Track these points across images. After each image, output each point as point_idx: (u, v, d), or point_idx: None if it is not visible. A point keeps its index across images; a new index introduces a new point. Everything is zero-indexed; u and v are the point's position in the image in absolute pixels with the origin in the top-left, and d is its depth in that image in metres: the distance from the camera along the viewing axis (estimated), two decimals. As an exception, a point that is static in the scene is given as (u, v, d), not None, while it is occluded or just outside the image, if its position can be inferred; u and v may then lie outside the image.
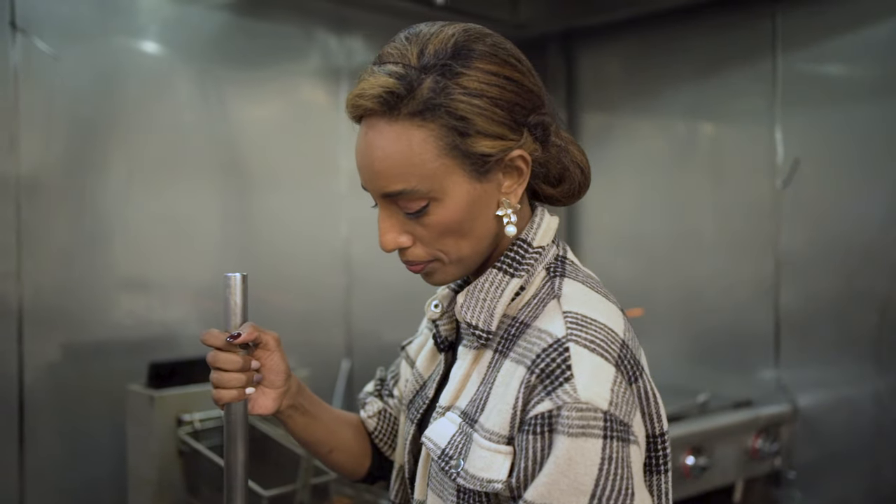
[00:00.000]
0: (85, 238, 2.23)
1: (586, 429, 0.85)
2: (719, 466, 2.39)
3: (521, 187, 0.98)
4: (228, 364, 1.03)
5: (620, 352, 0.92)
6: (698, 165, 2.88)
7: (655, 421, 0.96)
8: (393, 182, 0.94)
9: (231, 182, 2.52)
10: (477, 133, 0.93)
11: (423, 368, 1.15)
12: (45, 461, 2.12)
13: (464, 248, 0.98)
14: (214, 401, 1.04)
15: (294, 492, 1.89)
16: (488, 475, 0.91)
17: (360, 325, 2.71)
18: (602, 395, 0.87)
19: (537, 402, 0.88)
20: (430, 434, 1.01)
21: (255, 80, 2.57)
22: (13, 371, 2.08)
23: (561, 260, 1.03)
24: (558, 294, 0.97)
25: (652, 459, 0.97)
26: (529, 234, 1.02)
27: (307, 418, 1.15)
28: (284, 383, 1.09)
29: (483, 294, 0.99)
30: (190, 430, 2.02)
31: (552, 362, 0.89)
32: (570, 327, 0.91)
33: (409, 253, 0.99)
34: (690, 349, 2.85)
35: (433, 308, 1.08)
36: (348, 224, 2.70)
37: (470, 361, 1.01)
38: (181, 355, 2.24)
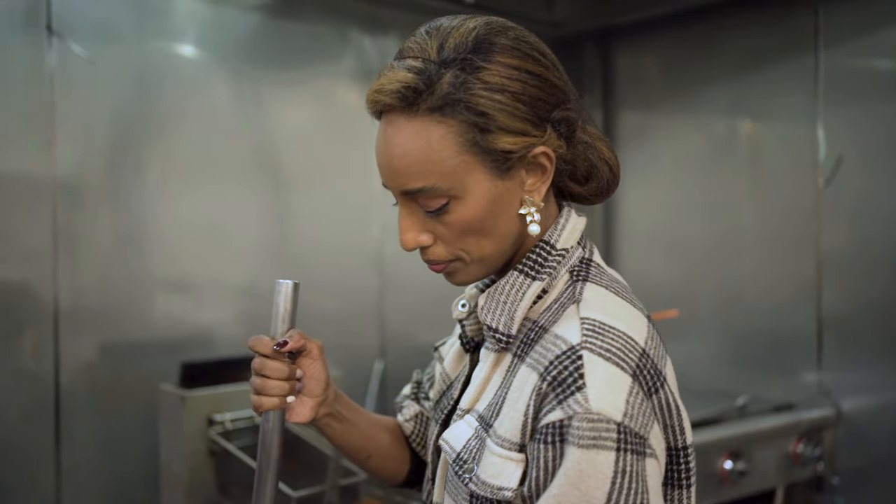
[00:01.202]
0: (120, 239, 2.26)
1: (598, 440, 0.82)
2: (759, 471, 2.33)
3: (545, 185, 0.95)
4: (274, 372, 1.02)
5: (639, 361, 0.88)
6: (738, 164, 2.82)
7: (678, 434, 0.93)
8: (412, 180, 0.92)
9: (265, 183, 2.53)
10: (498, 129, 0.90)
11: (451, 369, 1.13)
12: (80, 458, 2.14)
13: (486, 247, 0.95)
14: (255, 407, 1.03)
15: (323, 492, 1.89)
16: (499, 482, 0.89)
17: (394, 327, 2.70)
18: (616, 405, 0.84)
19: (549, 410, 0.85)
20: (447, 437, 0.99)
21: (289, 81, 2.58)
22: (49, 370, 2.11)
23: (586, 263, 0.99)
24: (578, 299, 0.94)
25: (673, 473, 0.94)
26: (553, 235, 0.98)
27: (344, 425, 1.13)
28: (323, 392, 1.07)
29: (503, 297, 0.97)
30: (221, 430, 2.03)
31: (564, 370, 0.86)
32: (586, 334, 0.88)
33: (430, 252, 0.97)
34: (730, 351, 2.79)
35: (460, 308, 1.06)
36: (381, 225, 2.69)
37: (491, 364, 0.99)
38: (214, 356, 2.26)
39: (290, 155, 2.57)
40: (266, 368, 1.02)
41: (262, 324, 1.07)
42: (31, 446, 2.10)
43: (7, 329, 2.07)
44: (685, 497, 0.95)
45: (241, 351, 2.32)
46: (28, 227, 2.10)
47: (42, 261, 2.11)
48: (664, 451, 0.91)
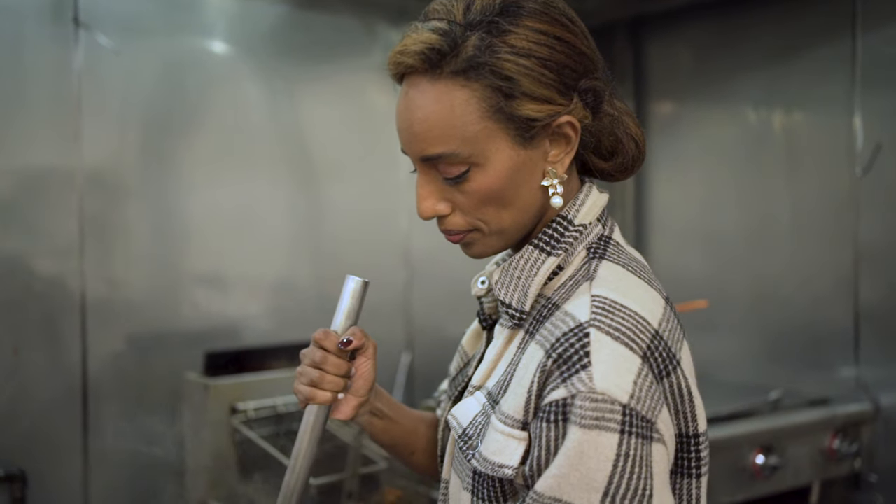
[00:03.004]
0: (148, 231, 2.28)
1: (601, 421, 0.79)
2: (792, 466, 2.27)
3: (569, 157, 0.93)
4: (334, 368, 1.01)
5: (651, 343, 0.85)
6: (772, 154, 2.75)
7: (689, 420, 0.89)
8: (433, 145, 0.90)
9: (293, 175, 2.54)
10: (523, 95, 0.88)
11: (469, 346, 1.12)
12: (107, 447, 2.17)
13: (505, 218, 0.93)
14: (305, 398, 1.02)
15: (342, 481, 1.88)
16: (500, 460, 0.87)
17: (420, 319, 2.69)
18: (622, 387, 0.81)
19: (552, 388, 0.83)
20: (455, 412, 0.97)
21: (316, 73, 2.59)
22: (77, 360, 2.14)
23: (605, 240, 0.96)
24: (592, 276, 0.91)
25: (683, 461, 0.91)
26: (571, 210, 0.95)
27: (385, 422, 1.13)
28: (368, 393, 1.07)
29: (518, 272, 0.94)
30: (244, 419, 2.03)
31: (570, 347, 0.83)
32: (595, 312, 0.85)
33: (447, 221, 0.94)
34: (764, 346, 2.73)
35: (479, 285, 1.03)
36: (409, 217, 2.68)
37: (504, 341, 0.97)
38: (239, 345, 2.27)
39: (317, 148, 2.57)
40: (327, 363, 1.01)
41: (289, 316, 1.07)
42: (60, 435, 2.13)
43: (36, 319, 2.10)
44: (695, 487, 0.92)
45: (267, 341, 2.34)
46: (56, 220, 2.13)
47: (69, 252, 2.14)
48: (673, 437, 0.87)
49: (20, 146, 2.09)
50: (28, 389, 2.08)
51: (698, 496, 0.92)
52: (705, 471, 0.92)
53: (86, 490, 2.15)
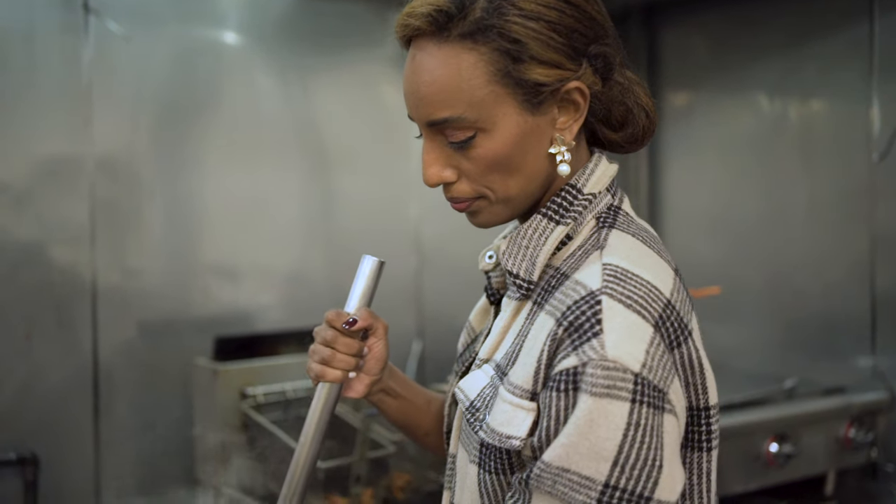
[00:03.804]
0: (159, 218, 2.29)
1: (612, 389, 0.78)
2: (807, 455, 2.24)
3: (578, 124, 0.91)
4: (344, 347, 1.02)
5: (663, 312, 0.84)
6: (788, 141, 2.72)
7: (700, 393, 0.88)
8: (439, 109, 0.88)
9: (303, 163, 2.54)
10: (531, 59, 0.86)
11: (476, 322, 1.10)
12: (118, 431, 2.18)
13: (511, 186, 0.91)
14: (316, 375, 1.03)
15: (350, 464, 1.88)
16: (508, 431, 0.85)
17: (431, 307, 2.69)
18: (634, 355, 0.79)
19: (563, 357, 0.81)
20: (462, 385, 0.96)
21: (327, 62, 2.58)
22: (88, 345, 2.15)
23: (614, 210, 0.95)
24: (602, 245, 0.89)
25: (693, 434, 0.89)
26: (581, 179, 0.94)
27: (399, 401, 1.13)
28: (380, 372, 1.08)
29: (526, 241, 0.93)
30: (253, 404, 2.03)
31: (581, 315, 0.82)
32: (607, 280, 0.84)
33: (453, 189, 0.93)
34: (778, 334, 2.70)
35: (487, 259, 1.02)
36: (420, 206, 2.68)
37: (511, 313, 0.95)
38: (249, 331, 2.27)
39: (328, 136, 2.57)
40: (338, 343, 1.02)
41: (300, 303, 1.07)
42: (71, 419, 2.14)
43: (48, 305, 2.11)
44: (706, 460, 0.90)
45: (278, 328, 2.34)
46: (67, 207, 2.14)
47: (81, 239, 2.15)
48: (685, 409, 0.86)
49: (31, 133, 2.10)
50: (40, 374, 2.10)
51: (709, 469, 0.91)
52: (716, 444, 0.91)
53: (97, 473, 2.16)
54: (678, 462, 0.83)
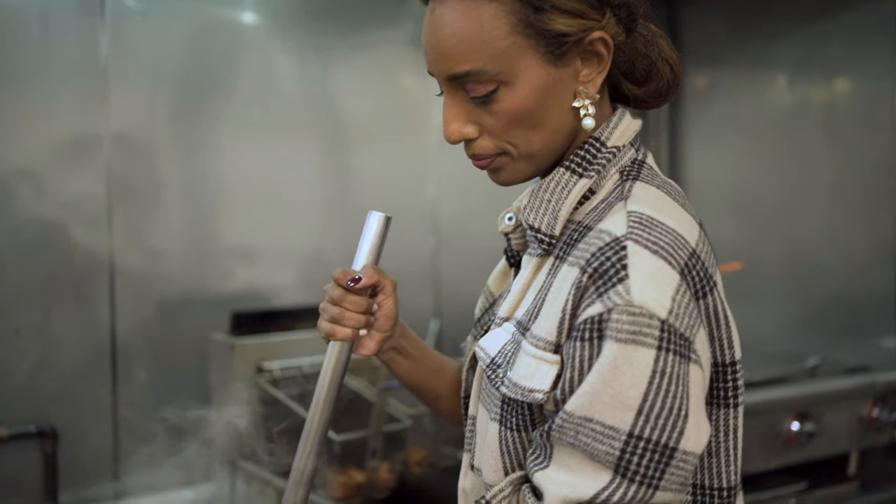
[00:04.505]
0: (176, 196, 2.29)
1: (637, 336, 0.76)
2: (829, 434, 2.21)
3: (601, 76, 0.89)
4: (352, 305, 1.01)
5: (689, 260, 0.81)
6: (811, 119, 2.68)
7: (726, 347, 0.86)
8: (460, 62, 0.87)
9: (320, 142, 2.53)
10: (553, 8, 0.84)
11: (494, 286, 1.09)
12: (135, 405, 2.19)
13: (534, 141, 0.90)
14: (327, 334, 1.02)
15: (366, 438, 1.87)
16: (530, 384, 0.83)
17: (449, 287, 2.68)
18: (661, 301, 0.77)
19: (588, 304, 0.79)
20: (482, 343, 0.95)
21: (345, 40, 2.57)
22: (106, 320, 2.15)
23: (638, 164, 0.93)
24: (627, 196, 0.87)
25: (719, 391, 0.87)
26: (604, 132, 0.92)
27: (410, 362, 1.12)
28: (391, 329, 1.07)
29: (548, 195, 0.91)
30: (269, 379, 2.03)
31: (606, 261, 0.80)
32: (632, 226, 0.82)
33: (475, 146, 0.91)
34: (801, 313, 2.67)
35: (506, 221, 1.00)
36: (437, 184, 2.66)
37: (532, 271, 0.93)
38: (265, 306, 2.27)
39: (345, 115, 2.56)
40: (346, 301, 1.01)
41: (317, 281, 1.06)
42: (90, 393, 2.15)
43: (65, 282, 2.12)
44: (731, 417, 0.88)
45: (291, 303, 2.34)
46: (83, 185, 2.14)
47: (97, 216, 2.15)
48: (710, 362, 0.84)
49: (47, 112, 2.10)
50: (58, 349, 2.11)
51: (735, 426, 0.89)
52: (742, 400, 0.89)
53: (115, 447, 2.17)
54: (703, 413, 0.80)
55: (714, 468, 0.89)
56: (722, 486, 0.89)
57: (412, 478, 2.04)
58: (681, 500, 0.84)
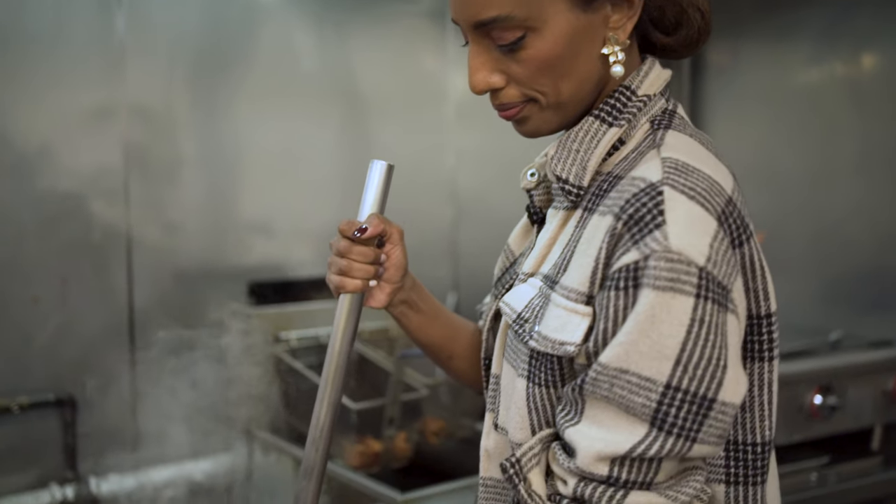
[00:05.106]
0: (194, 168, 2.28)
1: (676, 283, 0.73)
2: (852, 408, 2.18)
3: (631, 22, 0.86)
4: (360, 256, 0.99)
5: (725, 207, 0.79)
6: (837, 92, 2.63)
7: (762, 299, 0.83)
8: (486, 8, 0.83)
9: (338, 114, 2.51)
10: None
11: (516, 245, 1.06)
12: (153, 376, 2.19)
13: (563, 89, 0.86)
14: (336, 287, 1.00)
15: (383, 406, 1.86)
16: (561, 337, 0.80)
17: (467, 259, 2.66)
18: (699, 248, 0.74)
19: (623, 252, 0.76)
20: (507, 299, 0.92)
21: (363, 12, 2.55)
22: (124, 291, 2.16)
23: (669, 113, 0.90)
24: (659, 144, 0.84)
25: (754, 344, 0.84)
26: (634, 80, 0.89)
27: (421, 317, 1.09)
28: (401, 280, 1.04)
29: (577, 144, 0.88)
30: (287, 349, 2.03)
31: (643, 207, 0.76)
32: (668, 171, 0.79)
33: (501, 95, 0.88)
34: (825, 287, 2.63)
35: (529, 177, 0.98)
36: (455, 155, 2.64)
37: (558, 224, 0.90)
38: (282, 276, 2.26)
39: (364, 87, 2.54)
40: (352, 252, 0.99)
41: None
42: (108, 363, 2.15)
43: (83, 253, 2.13)
44: (766, 371, 0.85)
45: (308, 273, 2.33)
46: (101, 157, 2.14)
47: (115, 188, 2.15)
48: (745, 313, 0.81)
49: (65, 84, 2.10)
50: (76, 318, 2.11)
51: (770, 380, 0.86)
52: (777, 353, 0.86)
53: (134, 415, 2.17)
54: (741, 365, 0.78)
55: (748, 423, 0.86)
56: (756, 442, 0.87)
57: (429, 448, 2.03)
58: (717, 454, 0.82)
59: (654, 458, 0.75)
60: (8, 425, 2.02)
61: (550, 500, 0.81)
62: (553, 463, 0.82)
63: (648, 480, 0.77)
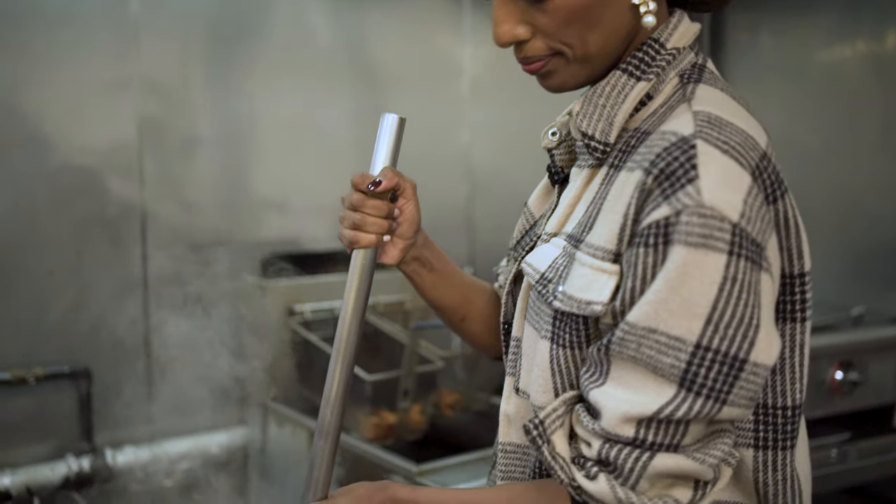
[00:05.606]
0: (208, 141, 2.27)
1: (708, 239, 0.71)
2: (874, 384, 2.15)
3: None
4: (373, 209, 0.97)
5: (760, 162, 0.76)
6: (859, 66, 2.59)
7: (795, 257, 0.81)
8: None
9: (353, 87, 2.49)
10: None
11: (535, 207, 1.03)
12: (168, 347, 2.19)
13: (591, 42, 0.83)
14: (350, 241, 0.98)
15: (398, 378, 1.85)
16: (587, 296, 0.78)
17: (483, 234, 2.64)
18: (732, 203, 0.72)
19: (653, 208, 0.73)
20: (529, 259, 0.90)
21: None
22: (138, 264, 2.15)
23: (699, 67, 0.87)
24: (690, 98, 0.81)
25: (786, 304, 0.81)
26: (663, 33, 0.86)
27: (435, 276, 1.07)
28: (414, 235, 1.03)
29: (603, 99, 0.85)
30: (301, 321, 2.02)
31: (674, 161, 0.74)
32: (701, 125, 0.76)
33: (527, 48, 0.85)
34: (847, 262, 2.59)
35: (550, 136, 0.95)
36: (470, 130, 2.62)
37: (582, 183, 0.88)
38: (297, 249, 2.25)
39: (378, 61, 2.52)
40: (366, 206, 0.97)
41: None
42: (123, 336, 2.15)
43: (97, 225, 2.12)
44: (798, 332, 0.83)
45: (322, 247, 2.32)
46: (115, 130, 2.13)
47: (129, 160, 2.15)
48: (779, 271, 0.79)
49: (79, 59, 2.09)
50: (90, 291, 2.11)
51: (802, 342, 0.84)
52: (810, 314, 0.84)
53: (149, 389, 2.17)
54: (774, 326, 0.76)
55: (778, 386, 0.84)
56: (786, 406, 0.85)
57: (444, 421, 2.02)
58: (746, 417, 0.80)
59: (681, 419, 0.73)
60: (24, 396, 2.03)
61: (574, 462, 0.79)
62: (577, 425, 0.80)
63: (675, 443, 0.75)
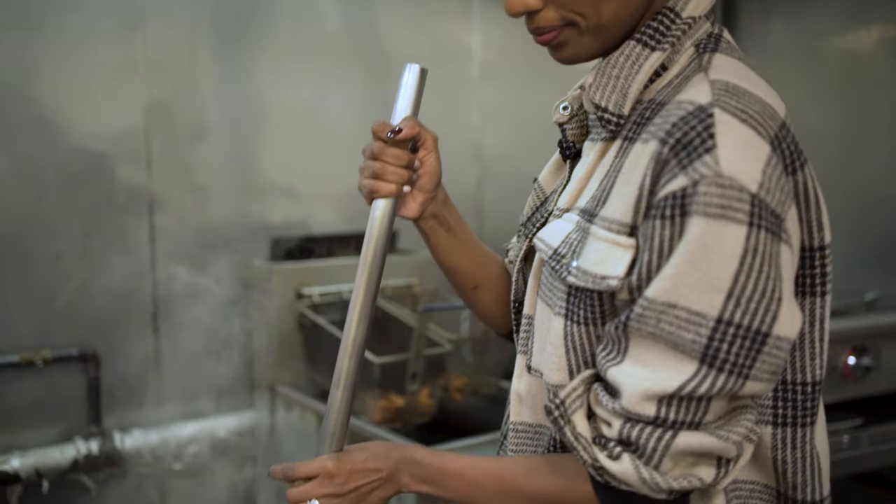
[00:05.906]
0: (216, 126, 2.26)
1: (727, 210, 0.68)
2: (887, 369, 2.12)
3: None
4: (393, 158, 0.94)
5: (779, 132, 0.73)
6: (872, 47, 2.55)
7: (815, 230, 0.78)
8: None
9: (361, 71, 2.48)
10: None
11: (546, 183, 1.00)
12: (176, 330, 2.19)
13: (604, 11, 0.80)
14: (369, 191, 0.95)
15: (406, 361, 1.84)
16: (603, 271, 0.75)
17: (492, 218, 2.63)
18: (751, 174, 0.69)
19: (669, 178, 0.71)
20: (541, 235, 0.87)
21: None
22: (146, 249, 2.15)
23: (715, 37, 0.84)
24: (706, 67, 0.78)
25: (805, 277, 0.79)
26: (678, 3, 0.82)
27: (451, 237, 1.05)
28: (434, 189, 1.00)
29: (616, 70, 0.82)
30: (309, 304, 2.01)
31: (691, 130, 0.71)
32: (719, 93, 0.73)
33: (538, 18, 0.82)
34: (860, 247, 2.56)
35: (561, 111, 0.93)
36: (480, 113, 2.60)
37: (595, 156, 0.85)
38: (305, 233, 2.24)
39: (387, 45, 2.50)
40: (386, 154, 0.95)
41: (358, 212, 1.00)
42: (131, 319, 2.15)
43: (105, 209, 2.12)
44: (818, 306, 0.80)
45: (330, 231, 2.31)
46: (123, 115, 2.13)
47: (137, 145, 2.14)
48: (799, 244, 0.76)
49: (87, 42, 2.08)
50: (99, 274, 2.11)
51: (822, 316, 0.81)
52: (830, 288, 0.80)
53: (158, 372, 2.17)
54: (793, 298, 0.73)
55: (798, 361, 0.81)
56: (806, 381, 0.82)
57: (453, 405, 2.01)
58: (768, 392, 0.77)
59: (703, 396, 0.71)
60: (32, 379, 2.03)
61: (596, 442, 0.77)
62: (595, 405, 0.78)
63: (698, 420, 0.72)
